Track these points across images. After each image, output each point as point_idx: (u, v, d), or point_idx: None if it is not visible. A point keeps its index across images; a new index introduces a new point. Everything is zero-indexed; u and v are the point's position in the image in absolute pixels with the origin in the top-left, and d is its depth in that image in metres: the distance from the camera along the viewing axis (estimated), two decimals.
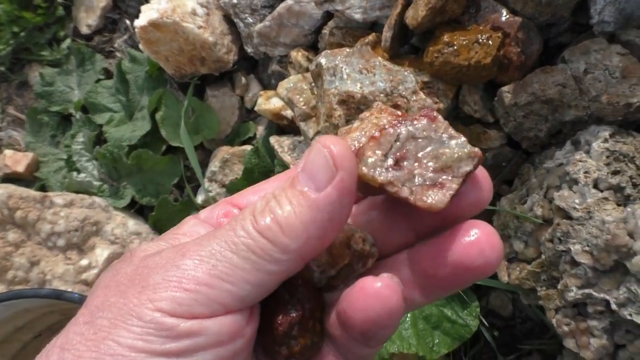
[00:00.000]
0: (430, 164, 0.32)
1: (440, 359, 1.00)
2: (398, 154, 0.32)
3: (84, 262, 1.11)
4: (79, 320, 0.31)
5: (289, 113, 1.07)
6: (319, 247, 0.30)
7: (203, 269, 0.29)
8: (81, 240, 1.13)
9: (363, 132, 0.34)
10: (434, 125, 0.32)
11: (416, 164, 0.32)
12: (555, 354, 0.93)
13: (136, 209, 1.25)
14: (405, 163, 0.32)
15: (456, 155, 0.32)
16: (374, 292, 0.30)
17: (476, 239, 0.31)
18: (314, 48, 1.07)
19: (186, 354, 0.28)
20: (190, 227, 0.36)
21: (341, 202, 0.29)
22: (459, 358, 1.01)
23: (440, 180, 0.32)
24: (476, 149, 0.33)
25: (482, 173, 0.34)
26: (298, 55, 1.04)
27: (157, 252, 0.32)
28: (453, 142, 0.32)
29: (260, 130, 1.19)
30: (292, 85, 1.00)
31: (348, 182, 0.29)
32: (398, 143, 0.32)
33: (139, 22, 1.07)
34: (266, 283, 0.30)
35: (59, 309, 0.79)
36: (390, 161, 0.32)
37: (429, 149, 0.32)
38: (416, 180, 0.32)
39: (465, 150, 0.32)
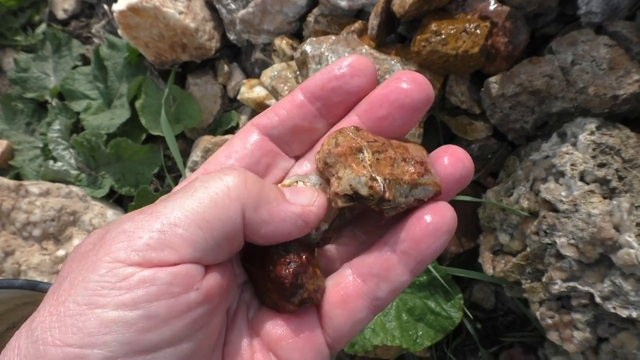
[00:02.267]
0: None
1: (423, 351, 0.99)
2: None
3: (61, 252, 1.08)
4: (48, 293, 0.32)
5: (273, 102, 1.05)
6: None
7: (157, 219, 0.30)
8: (58, 230, 1.10)
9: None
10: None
11: None
12: (536, 347, 0.93)
13: (115, 199, 1.22)
14: None
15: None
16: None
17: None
18: (298, 36, 1.05)
19: (140, 305, 0.29)
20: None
21: None
22: (442, 350, 1.01)
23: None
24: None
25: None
26: (282, 43, 1.02)
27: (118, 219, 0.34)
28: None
29: (244, 120, 1.16)
30: (276, 73, 0.98)
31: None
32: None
33: (118, 7, 1.04)
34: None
35: (34, 300, 0.76)
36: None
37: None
38: None
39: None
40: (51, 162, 1.21)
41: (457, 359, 1.00)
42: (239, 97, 1.09)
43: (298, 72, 0.94)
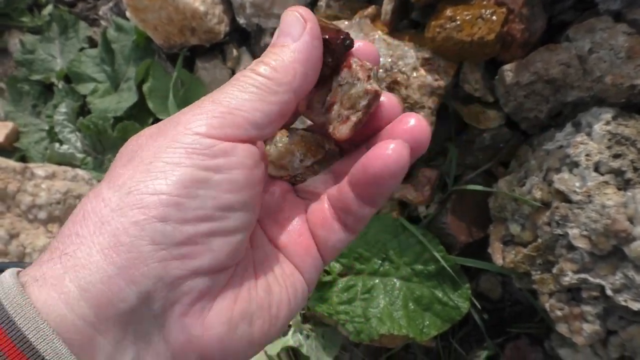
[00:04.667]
0: (345, 103, 0.40)
1: (428, 341, 0.99)
2: (329, 99, 0.41)
3: None
4: (115, 169, 0.34)
5: None
6: (304, 84, 0.37)
7: (222, 104, 0.34)
8: (63, 214, 1.10)
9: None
10: (352, 73, 0.39)
11: (339, 106, 0.40)
12: (542, 338, 0.92)
13: None
14: (334, 107, 0.40)
15: (358, 94, 0.39)
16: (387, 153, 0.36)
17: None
18: None
19: (222, 170, 0.33)
20: None
21: (313, 44, 0.37)
22: (447, 340, 1.01)
23: (347, 115, 0.39)
24: (370, 87, 0.38)
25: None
26: None
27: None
28: (358, 83, 0.39)
29: None
30: None
31: (315, 29, 0.37)
32: (330, 92, 0.41)
33: None
34: (270, 111, 0.35)
35: None
36: (324, 107, 0.41)
37: (347, 92, 0.40)
38: (338, 118, 0.40)
39: (362, 89, 0.39)
40: (57, 144, 1.20)
41: (463, 349, 0.99)
42: None
43: None
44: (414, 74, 0.80)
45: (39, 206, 1.07)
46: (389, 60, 0.80)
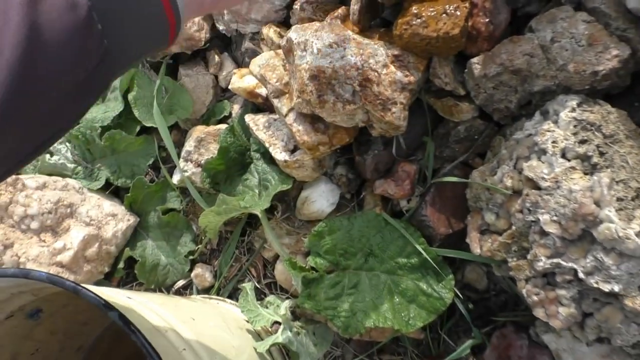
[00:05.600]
0: None
1: (417, 333, 1.01)
2: None
3: (59, 244, 1.10)
4: None
5: (263, 91, 1.06)
6: None
7: None
8: (55, 223, 1.12)
9: None
10: None
11: None
12: (528, 325, 0.94)
13: (111, 191, 1.24)
14: None
15: None
16: None
17: None
18: (286, 24, 1.05)
19: None
20: None
21: None
22: (436, 332, 1.02)
23: None
24: None
25: None
26: (270, 32, 1.02)
27: None
28: None
29: (236, 109, 1.17)
30: (264, 61, 0.99)
31: None
32: None
33: None
34: None
35: (30, 289, 0.78)
36: None
37: None
38: None
39: None
40: (47, 156, 1.23)
41: (451, 339, 1.01)
42: (230, 87, 1.10)
43: (285, 60, 0.95)
44: (385, 71, 0.81)
45: (31, 216, 1.09)
46: (360, 59, 0.82)
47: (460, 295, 0.93)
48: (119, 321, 0.62)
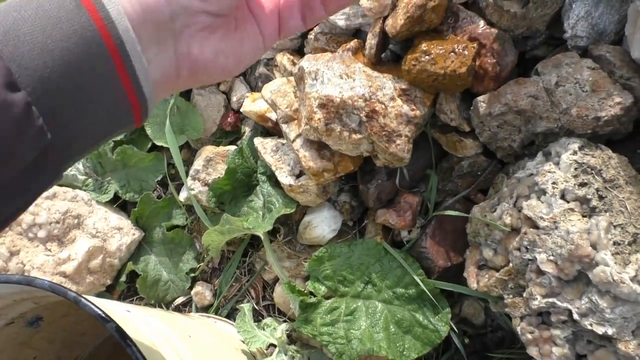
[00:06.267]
0: None
1: None
2: None
3: (64, 254, 1.12)
4: None
5: (273, 115, 1.09)
6: None
7: None
8: (62, 233, 1.14)
9: None
10: None
11: None
12: None
13: (119, 204, 1.26)
14: None
15: None
16: None
17: None
18: (299, 52, 1.08)
19: None
20: None
21: None
22: None
23: None
24: None
25: None
26: (283, 59, 1.05)
27: None
28: None
29: (247, 132, 1.20)
30: (276, 87, 1.02)
31: None
32: None
33: None
34: None
35: (31, 296, 0.79)
36: None
37: None
38: None
39: None
40: None
41: None
42: (242, 110, 1.12)
43: (296, 87, 0.97)
44: (392, 104, 0.84)
45: (39, 225, 1.11)
46: (368, 90, 0.84)
47: (456, 330, 0.93)
48: (115, 333, 0.63)
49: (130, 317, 0.73)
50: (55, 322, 0.93)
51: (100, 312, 0.63)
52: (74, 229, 1.16)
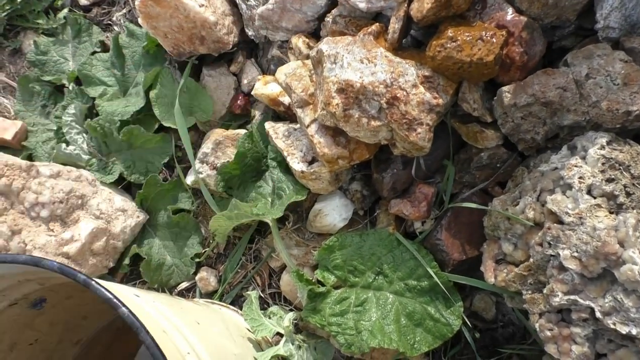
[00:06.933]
0: None
1: (419, 357, 0.99)
2: None
3: (67, 234, 1.09)
4: None
5: (286, 99, 1.06)
6: None
7: None
8: (65, 213, 1.11)
9: None
10: None
11: None
12: None
13: (124, 186, 1.23)
14: None
15: None
16: None
17: None
18: (315, 35, 1.05)
19: None
20: None
21: None
22: (439, 358, 1.01)
23: None
24: None
25: None
26: (299, 42, 1.02)
27: None
28: None
29: (257, 115, 1.17)
30: (291, 71, 0.99)
31: None
32: None
33: None
34: None
35: (36, 277, 0.77)
36: None
37: None
38: None
39: None
40: (63, 145, 1.22)
41: None
42: (253, 93, 1.09)
43: (313, 71, 0.94)
44: (414, 91, 0.81)
45: (42, 204, 1.08)
46: (390, 76, 0.81)
47: (469, 323, 0.92)
48: (128, 318, 0.61)
49: (139, 303, 0.71)
50: (59, 304, 0.91)
51: (111, 296, 0.61)
52: (77, 210, 1.13)
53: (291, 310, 1.07)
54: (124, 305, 0.61)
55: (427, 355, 1.00)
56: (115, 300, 0.62)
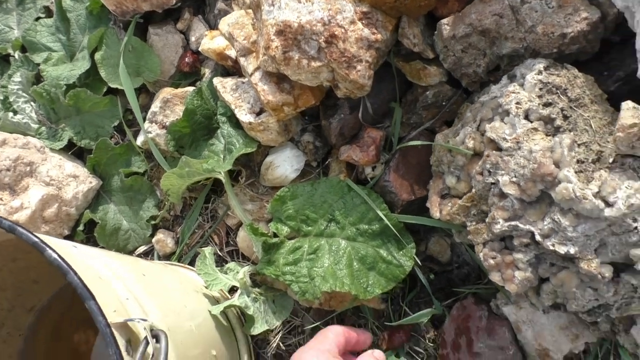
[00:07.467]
0: None
1: (377, 303, 0.99)
2: None
3: (16, 202, 1.07)
4: None
5: (233, 53, 1.04)
6: None
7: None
8: (14, 181, 1.09)
9: None
10: None
11: None
12: (489, 298, 0.93)
13: (75, 152, 1.20)
14: None
15: None
16: None
17: None
18: None
19: None
20: None
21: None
22: (397, 303, 1.01)
23: None
24: None
25: None
26: None
27: None
28: None
29: (207, 73, 1.15)
30: (234, 20, 0.97)
31: None
32: None
33: None
34: None
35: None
36: None
37: None
38: None
39: None
40: (10, 114, 1.19)
41: (412, 311, 0.99)
42: (200, 49, 1.07)
43: (254, 18, 0.92)
44: (352, 28, 0.79)
45: None
46: (327, 14, 0.80)
47: (421, 265, 0.92)
48: (55, 261, 0.59)
49: (74, 252, 0.69)
50: (4, 267, 0.89)
51: (36, 239, 0.59)
52: (26, 177, 1.10)
53: (248, 265, 1.06)
54: (50, 248, 0.59)
55: (385, 301, 1.00)
56: (41, 244, 0.60)
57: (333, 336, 0.80)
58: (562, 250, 0.67)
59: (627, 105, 0.64)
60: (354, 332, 0.84)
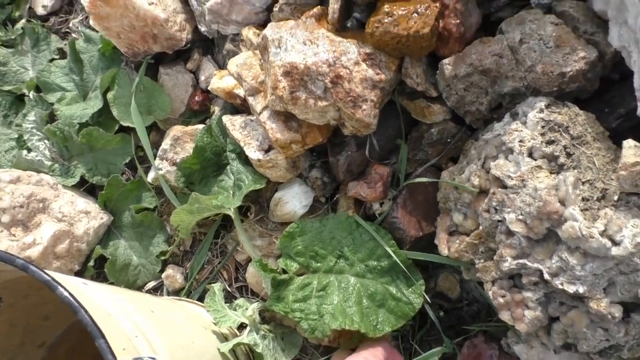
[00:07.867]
0: None
1: (388, 338, 0.98)
2: None
3: (28, 238, 1.08)
4: None
5: (241, 92, 1.06)
6: None
7: None
8: (27, 217, 1.11)
9: None
10: None
11: None
12: (500, 336, 0.92)
13: (86, 188, 1.22)
14: None
15: None
16: None
17: None
18: (265, 26, 1.06)
19: None
20: None
21: None
22: (407, 342, 1.00)
23: None
24: None
25: None
26: (249, 33, 1.03)
27: None
28: None
29: (217, 111, 1.17)
30: (242, 61, 0.99)
31: None
32: None
33: None
34: None
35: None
36: None
37: None
38: None
39: None
40: (25, 152, 1.22)
41: (423, 350, 0.99)
42: (209, 88, 1.10)
43: (261, 59, 0.95)
44: (356, 69, 0.82)
45: (2, 209, 1.08)
46: (332, 55, 0.82)
47: (430, 302, 0.91)
48: (66, 299, 0.60)
49: (85, 289, 0.70)
50: (17, 303, 0.90)
51: (48, 277, 0.61)
52: (39, 213, 1.12)
53: (258, 302, 1.07)
54: (61, 286, 0.61)
55: (395, 339, 1.00)
56: (53, 282, 0.61)
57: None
58: (571, 289, 0.67)
59: (629, 143, 0.64)
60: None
